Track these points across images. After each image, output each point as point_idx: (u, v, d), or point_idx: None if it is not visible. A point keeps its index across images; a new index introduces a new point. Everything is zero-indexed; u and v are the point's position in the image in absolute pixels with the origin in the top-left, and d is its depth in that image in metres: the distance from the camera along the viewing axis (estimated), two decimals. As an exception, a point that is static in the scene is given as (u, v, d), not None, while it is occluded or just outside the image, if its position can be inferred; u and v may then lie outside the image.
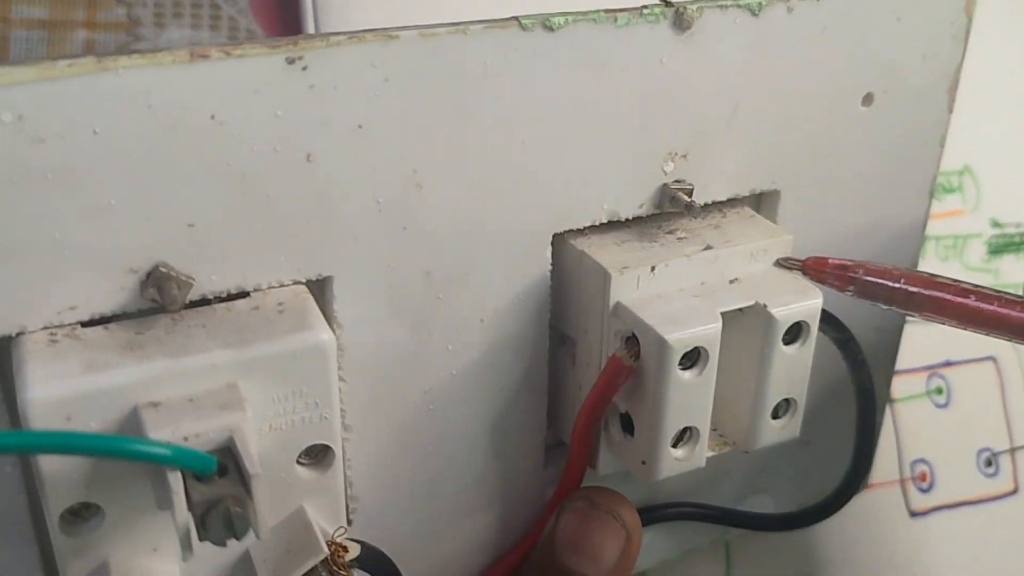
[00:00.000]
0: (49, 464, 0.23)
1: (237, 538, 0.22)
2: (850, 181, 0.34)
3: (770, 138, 0.32)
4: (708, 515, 0.38)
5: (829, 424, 0.38)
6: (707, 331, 0.29)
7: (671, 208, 0.31)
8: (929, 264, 0.45)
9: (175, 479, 0.21)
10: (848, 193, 0.35)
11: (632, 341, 0.29)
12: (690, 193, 0.31)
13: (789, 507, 0.40)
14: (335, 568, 0.26)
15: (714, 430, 0.32)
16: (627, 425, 0.31)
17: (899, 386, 0.46)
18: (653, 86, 0.29)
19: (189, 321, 0.25)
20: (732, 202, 0.33)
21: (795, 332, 0.30)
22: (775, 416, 0.32)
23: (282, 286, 0.26)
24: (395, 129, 0.26)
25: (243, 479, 0.22)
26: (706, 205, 0.32)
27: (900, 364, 0.43)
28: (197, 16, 0.28)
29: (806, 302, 0.30)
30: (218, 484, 0.22)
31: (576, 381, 0.32)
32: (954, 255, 0.45)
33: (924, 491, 0.45)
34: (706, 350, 0.29)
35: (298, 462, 0.26)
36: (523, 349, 0.31)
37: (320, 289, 0.27)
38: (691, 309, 0.29)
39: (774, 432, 0.32)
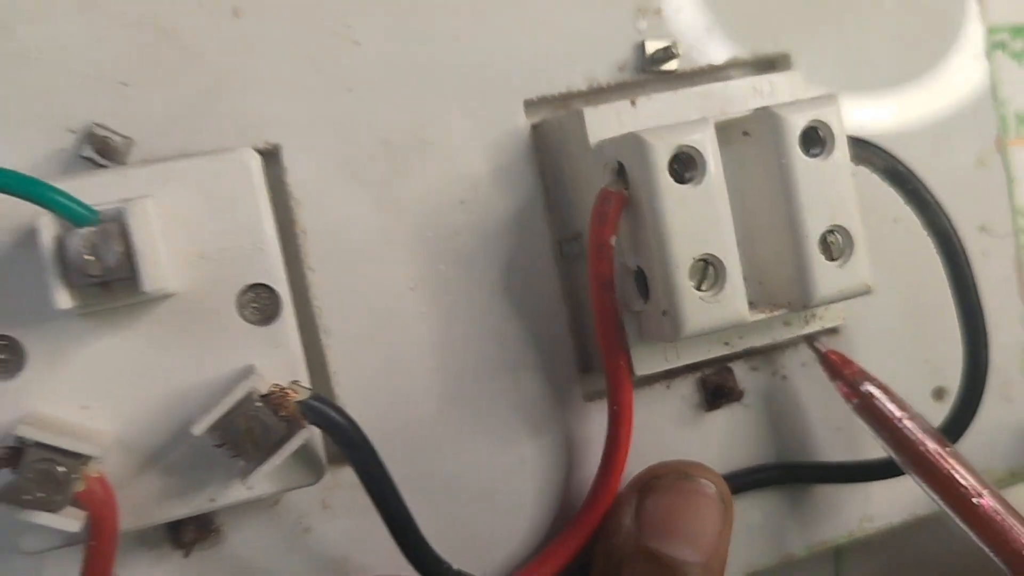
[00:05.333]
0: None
1: (111, 266, 0.19)
2: (870, 45, 0.31)
3: (757, -8, 0.30)
4: (803, 475, 0.30)
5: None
6: (695, 131, 0.25)
7: (655, 67, 0.29)
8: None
9: (44, 223, 0.20)
10: (875, 59, 0.31)
11: (620, 170, 0.26)
12: (670, 50, 0.29)
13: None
14: (279, 404, 0.22)
15: (759, 284, 0.27)
16: (645, 291, 0.26)
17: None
18: (598, -64, 0.29)
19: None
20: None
21: (816, 140, 0.26)
22: (829, 257, 0.26)
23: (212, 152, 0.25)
24: (322, -17, 0.26)
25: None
26: (700, 69, 0.30)
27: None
28: None
29: (819, 105, 0.26)
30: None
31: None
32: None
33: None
34: (699, 152, 0.25)
35: (243, 317, 0.24)
36: (522, 240, 0.28)
37: (272, 160, 0.26)
38: (677, 124, 0.26)
39: (832, 277, 0.26)
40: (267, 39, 0.26)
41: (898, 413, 0.27)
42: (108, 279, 0.20)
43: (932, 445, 0.26)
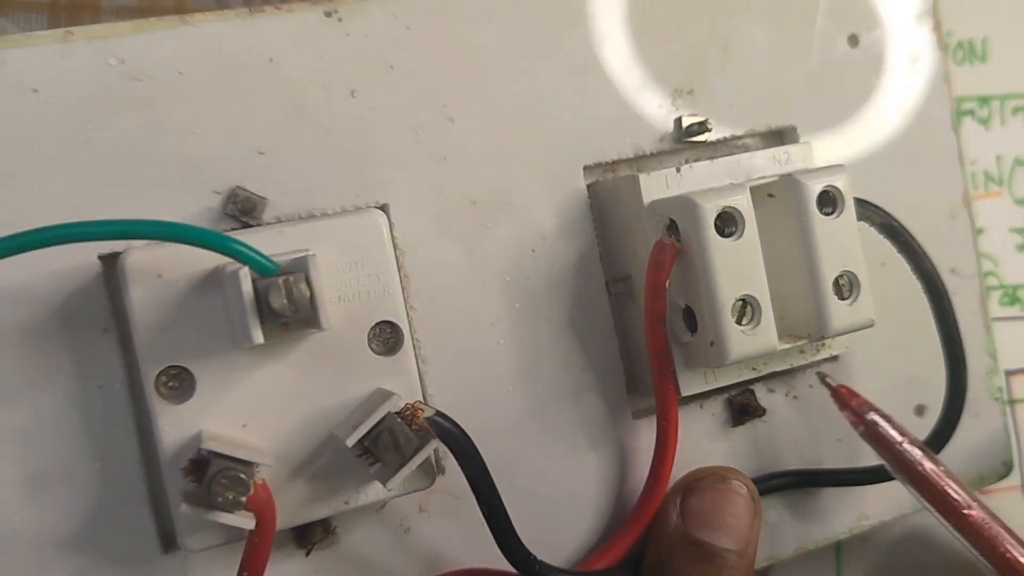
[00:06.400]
0: (143, 325, 0.26)
1: (298, 309, 0.24)
2: (860, 118, 0.37)
3: (769, 75, 0.36)
4: (811, 480, 0.36)
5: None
6: (735, 194, 0.31)
7: (689, 138, 0.34)
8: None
9: (244, 273, 0.24)
10: (865, 130, 0.37)
11: (672, 225, 0.31)
12: (704, 124, 0.34)
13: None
14: (411, 419, 0.27)
15: (781, 319, 0.32)
16: (692, 325, 0.32)
17: (1019, 386, 0.43)
18: (632, 31, 0.34)
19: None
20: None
21: (829, 202, 0.32)
22: (840, 296, 0.32)
23: (345, 212, 0.30)
24: (421, 70, 0.31)
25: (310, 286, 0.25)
26: (725, 139, 0.35)
27: (1018, 363, 0.42)
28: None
29: (831, 173, 0.32)
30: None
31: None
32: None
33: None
34: (739, 212, 0.30)
35: (371, 349, 0.28)
36: (580, 282, 0.33)
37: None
38: (719, 187, 0.31)
39: (843, 313, 0.32)
40: (378, 116, 0.31)
41: (899, 438, 0.32)
42: (290, 320, 0.25)
43: (929, 465, 0.32)
